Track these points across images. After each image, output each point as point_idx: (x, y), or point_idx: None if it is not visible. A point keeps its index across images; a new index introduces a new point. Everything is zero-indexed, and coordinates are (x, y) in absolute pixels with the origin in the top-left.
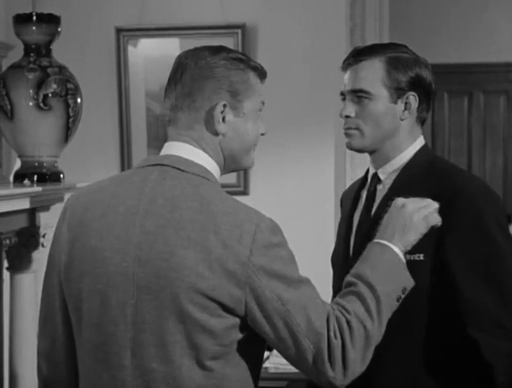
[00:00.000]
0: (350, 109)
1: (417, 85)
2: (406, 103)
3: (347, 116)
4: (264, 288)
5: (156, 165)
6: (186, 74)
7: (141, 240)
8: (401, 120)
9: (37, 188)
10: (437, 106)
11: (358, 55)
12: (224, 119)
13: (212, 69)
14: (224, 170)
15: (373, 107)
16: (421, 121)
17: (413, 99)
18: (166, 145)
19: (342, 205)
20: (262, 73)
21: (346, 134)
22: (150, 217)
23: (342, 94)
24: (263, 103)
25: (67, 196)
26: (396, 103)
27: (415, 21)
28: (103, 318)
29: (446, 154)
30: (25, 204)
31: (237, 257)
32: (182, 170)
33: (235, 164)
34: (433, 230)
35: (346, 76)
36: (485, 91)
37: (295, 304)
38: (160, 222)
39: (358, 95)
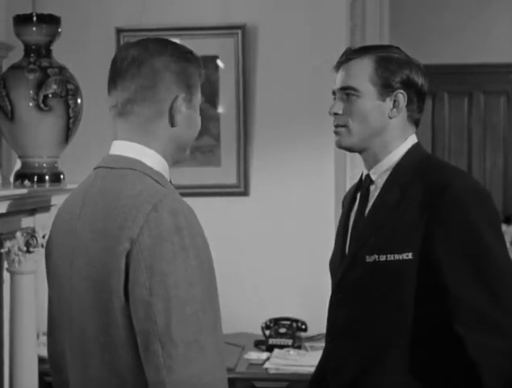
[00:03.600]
0: (338, 106)
1: (406, 85)
2: (395, 101)
3: (335, 114)
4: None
5: (96, 168)
6: (146, 67)
7: (75, 244)
8: (390, 117)
9: (37, 189)
10: (437, 106)
11: (349, 54)
12: (180, 110)
13: (172, 62)
14: (171, 161)
15: (360, 103)
16: (414, 122)
17: (401, 97)
18: (115, 143)
19: (342, 207)
20: (201, 67)
21: (335, 133)
22: (81, 220)
23: (334, 93)
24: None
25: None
26: (384, 100)
27: (415, 21)
28: None
29: (446, 155)
30: (25, 204)
31: (131, 236)
32: (112, 168)
33: (179, 155)
34: (419, 226)
35: (338, 75)
36: (485, 92)
37: None
38: (84, 224)
39: (346, 93)
